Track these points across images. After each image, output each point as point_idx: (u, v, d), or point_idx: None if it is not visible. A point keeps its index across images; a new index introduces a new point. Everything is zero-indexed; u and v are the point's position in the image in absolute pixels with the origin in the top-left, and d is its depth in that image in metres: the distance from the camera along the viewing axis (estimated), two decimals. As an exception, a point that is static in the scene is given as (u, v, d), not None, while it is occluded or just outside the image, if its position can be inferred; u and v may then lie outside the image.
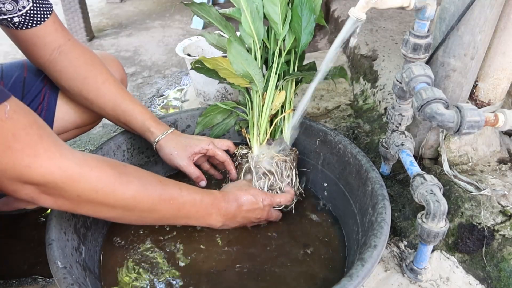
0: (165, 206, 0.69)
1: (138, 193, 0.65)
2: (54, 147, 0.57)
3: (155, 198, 0.67)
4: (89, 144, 1.31)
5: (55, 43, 0.81)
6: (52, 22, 0.79)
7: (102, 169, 0.62)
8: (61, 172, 0.57)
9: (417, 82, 0.76)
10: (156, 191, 0.67)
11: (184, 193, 0.72)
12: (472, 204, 0.88)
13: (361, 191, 0.85)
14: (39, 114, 0.87)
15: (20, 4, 0.72)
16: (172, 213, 0.72)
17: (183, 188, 0.73)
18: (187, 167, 0.88)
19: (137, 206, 0.66)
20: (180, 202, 0.71)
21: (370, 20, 1.71)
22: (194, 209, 0.74)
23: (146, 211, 0.68)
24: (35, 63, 0.84)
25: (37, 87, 0.88)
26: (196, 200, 0.73)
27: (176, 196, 0.71)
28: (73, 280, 0.62)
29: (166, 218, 0.73)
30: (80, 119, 0.93)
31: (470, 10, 0.78)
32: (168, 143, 0.88)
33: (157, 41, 2.08)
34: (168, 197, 0.69)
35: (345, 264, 0.84)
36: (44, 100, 0.88)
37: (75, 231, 0.76)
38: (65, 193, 0.59)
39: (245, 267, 0.82)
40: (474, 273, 0.85)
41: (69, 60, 0.82)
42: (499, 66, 0.88)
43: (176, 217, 0.73)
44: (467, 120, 0.67)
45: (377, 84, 1.34)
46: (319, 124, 0.97)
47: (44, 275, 0.90)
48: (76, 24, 1.97)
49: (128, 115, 0.86)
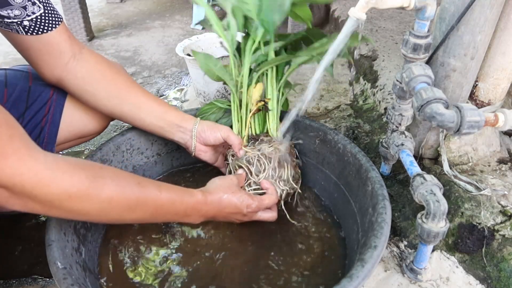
0: (143, 208, 0.68)
1: (113, 196, 0.64)
2: (24, 148, 0.56)
3: (132, 200, 0.66)
4: (89, 144, 1.31)
5: (70, 52, 0.80)
6: (65, 30, 0.79)
7: (75, 172, 0.60)
8: (30, 175, 0.55)
9: (417, 82, 0.76)
10: (133, 193, 0.66)
11: (163, 195, 0.70)
12: (472, 204, 0.88)
13: (361, 191, 0.85)
14: (43, 126, 0.87)
15: (29, 10, 0.72)
16: (150, 214, 0.70)
17: (162, 189, 0.71)
18: (231, 131, 0.90)
19: (113, 209, 0.65)
20: (158, 204, 0.70)
21: (370, 20, 1.71)
22: (173, 210, 0.73)
23: (123, 213, 0.66)
24: (49, 75, 0.82)
25: (42, 98, 0.87)
26: (175, 202, 0.72)
27: (154, 198, 0.69)
28: (73, 280, 0.62)
29: (144, 218, 0.72)
30: (86, 129, 0.93)
31: (470, 10, 0.78)
32: (204, 122, 0.91)
33: (157, 41, 2.08)
34: (146, 199, 0.68)
35: (345, 264, 0.83)
36: (49, 113, 0.87)
37: (75, 232, 0.76)
38: (35, 197, 0.57)
39: (244, 267, 0.82)
40: (474, 273, 0.85)
41: (92, 64, 0.83)
42: (499, 66, 0.88)
43: (154, 218, 0.73)
44: (467, 120, 0.67)
45: (377, 84, 1.34)
46: (318, 124, 0.97)
47: (44, 275, 0.90)
48: (76, 24, 1.97)
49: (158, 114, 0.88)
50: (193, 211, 0.75)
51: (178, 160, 1.05)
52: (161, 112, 0.88)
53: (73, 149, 1.29)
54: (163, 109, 0.88)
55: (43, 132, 0.87)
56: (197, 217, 0.77)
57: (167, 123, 0.88)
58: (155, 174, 1.03)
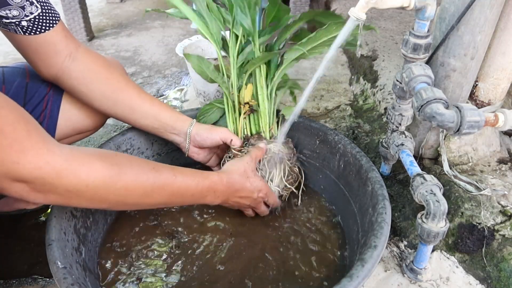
0: (159, 192, 0.69)
1: (130, 183, 0.65)
2: (41, 142, 0.57)
3: (147, 186, 0.67)
4: (89, 144, 1.31)
5: (66, 50, 0.80)
6: (61, 29, 0.79)
7: (91, 162, 0.61)
8: (49, 168, 0.56)
9: (417, 82, 0.76)
10: (149, 179, 0.67)
11: (178, 179, 0.71)
12: (472, 204, 0.88)
13: (361, 191, 0.85)
14: (42, 121, 0.87)
15: (27, 10, 0.72)
16: (166, 199, 0.71)
17: (177, 173, 0.72)
18: (230, 133, 0.90)
19: (129, 195, 0.66)
20: (175, 187, 0.71)
21: (370, 20, 1.71)
22: (189, 193, 0.74)
23: (140, 199, 0.68)
24: (46, 74, 0.82)
25: (40, 94, 0.87)
26: (190, 185, 0.73)
27: (170, 182, 0.70)
28: (73, 280, 0.62)
29: (161, 203, 0.73)
30: (82, 125, 0.92)
31: (470, 10, 0.78)
32: (199, 125, 0.92)
33: (157, 41, 2.08)
34: (161, 183, 0.69)
35: (345, 264, 0.84)
36: (47, 108, 0.88)
37: (75, 232, 0.76)
38: (55, 189, 0.58)
39: (244, 267, 0.82)
40: (474, 273, 0.85)
41: (86, 64, 0.83)
42: (499, 66, 0.88)
43: (171, 201, 0.74)
44: (467, 120, 0.67)
45: (377, 84, 1.34)
46: (318, 124, 0.97)
47: (44, 275, 0.90)
48: (76, 24, 1.97)
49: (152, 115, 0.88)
50: (209, 191, 0.76)
51: (178, 160, 1.05)
52: (155, 113, 0.88)
53: (73, 149, 1.29)
54: (157, 111, 0.88)
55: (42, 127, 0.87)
56: (213, 197, 0.78)
57: (161, 124, 0.89)
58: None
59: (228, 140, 0.90)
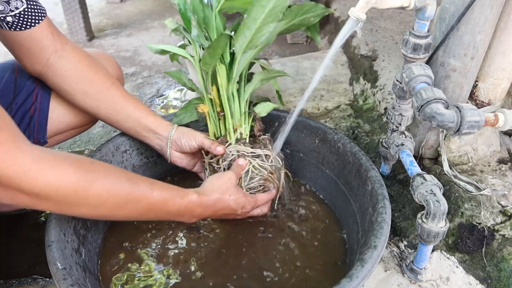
0: (133, 205, 0.67)
1: (103, 192, 0.63)
2: (12, 140, 0.56)
3: (121, 197, 0.65)
4: (89, 144, 1.31)
5: (52, 47, 0.79)
6: (47, 26, 0.78)
7: (62, 167, 0.59)
8: (16, 167, 0.55)
9: (417, 82, 0.76)
10: (123, 190, 0.65)
11: (155, 193, 0.69)
12: (472, 204, 0.88)
13: (361, 191, 0.85)
14: (32, 114, 0.86)
15: (12, 5, 0.71)
16: (141, 212, 0.69)
17: (155, 187, 0.70)
18: (206, 138, 0.88)
19: (102, 205, 0.64)
20: (150, 202, 0.69)
21: (370, 20, 1.71)
22: (165, 209, 0.71)
23: (113, 210, 0.66)
24: (31, 70, 0.82)
25: (28, 88, 0.86)
26: (168, 201, 0.71)
27: (146, 196, 0.68)
28: (73, 281, 0.62)
29: (135, 216, 0.71)
30: (75, 120, 0.92)
31: (470, 10, 0.78)
32: (181, 129, 0.90)
33: (157, 41, 2.08)
34: (137, 196, 0.67)
35: (345, 264, 0.83)
36: (36, 101, 0.87)
37: (74, 233, 0.76)
38: (22, 189, 0.57)
39: (244, 268, 0.82)
40: (474, 273, 0.85)
41: (72, 63, 0.82)
42: (499, 66, 0.88)
43: (146, 216, 0.71)
44: (467, 120, 0.67)
45: (377, 84, 1.34)
46: (318, 123, 0.97)
47: (44, 275, 0.90)
48: (76, 24, 1.97)
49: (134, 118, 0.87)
50: (186, 211, 0.74)
51: (178, 160, 1.05)
52: (138, 117, 0.86)
53: (74, 149, 1.29)
54: (140, 114, 0.87)
55: (33, 121, 0.87)
56: (190, 217, 0.76)
57: (143, 128, 0.87)
58: (155, 175, 1.03)
59: (205, 146, 0.87)
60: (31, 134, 0.86)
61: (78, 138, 1.33)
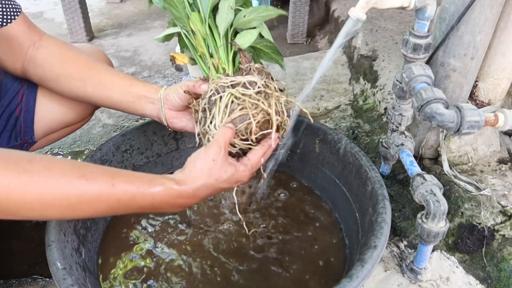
0: (91, 205, 0.59)
1: (44, 195, 0.56)
2: None
3: (72, 198, 0.57)
4: (89, 144, 1.31)
5: (29, 41, 0.78)
6: (23, 21, 0.77)
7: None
8: None
9: (417, 82, 0.76)
10: (73, 189, 0.57)
11: (118, 188, 0.60)
12: (472, 204, 0.88)
13: (361, 191, 0.85)
14: (18, 115, 0.85)
15: None
16: (105, 210, 0.61)
17: (117, 181, 0.60)
18: (190, 81, 0.77)
19: (48, 208, 0.57)
20: (113, 199, 0.60)
21: (370, 20, 1.71)
22: (135, 204, 0.62)
23: (65, 211, 0.59)
24: (13, 69, 0.81)
25: (14, 89, 0.85)
26: (136, 195, 0.61)
27: (106, 193, 0.59)
28: (73, 281, 0.62)
29: (99, 215, 0.63)
30: (67, 117, 0.89)
31: (470, 10, 0.78)
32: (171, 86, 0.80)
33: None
34: (93, 195, 0.59)
35: (345, 264, 0.83)
36: (22, 101, 0.85)
37: (74, 232, 0.76)
38: None
39: (244, 268, 0.82)
40: (474, 273, 0.85)
41: (50, 50, 0.80)
42: (499, 66, 0.88)
43: (114, 212, 0.63)
44: (467, 120, 0.67)
45: (377, 84, 1.34)
46: (318, 123, 0.97)
47: (44, 275, 0.90)
48: (76, 24, 1.97)
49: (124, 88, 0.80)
50: (162, 204, 0.63)
51: (178, 160, 1.05)
52: (127, 85, 0.80)
53: (73, 149, 1.29)
54: (128, 82, 0.81)
55: (19, 121, 0.85)
56: (170, 209, 0.65)
57: (135, 96, 0.80)
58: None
59: (189, 88, 0.76)
60: (18, 135, 0.85)
61: (78, 138, 1.33)
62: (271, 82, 0.71)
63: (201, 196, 0.65)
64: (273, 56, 0.83)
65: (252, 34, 0.81)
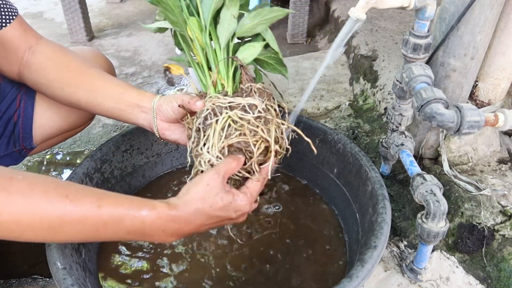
0: (74, 227, 0.55)
1: (22, 215, 0.52)
2: None
3: (53, 219, 0.54)
4: (89, 144, 1.31)
5: (26, 45, 0.77)
6: (19, 24, 0.76)
7: None
8: None
9: (417, 82, 0.76)
10: (55, 211, 0.54)
11: (104, 211, 0.56)
12: (472, 204, 0.88)
13: (361, 191, 0.85)
14: (16, 121, 0.84)
15: None
16: (90, 233, 0.57)
17: (104, 203, 0.56)
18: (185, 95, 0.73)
19: (27, 230, 0.53)
20: (99, 222, 0.56)
21: (370, 20, 1.71)
22: (123, 229, 0.57)
23: (45, 234, 0.55)
24: (10, 73, 0.80)
25: (12, 94, 0.84)
26: (124, 219, 0.57)
27: (91, 215, 0.56)
28: (73, 281, 0.62)
29: (81, 239, 0.59)
30: (66, 123, 0.88)
31: (470, 10, 0.78)
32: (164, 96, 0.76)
33: (157, 41, 2.08)
34: (77, 216, 0.55)
35: (345, 264, 0.84)
36: (20, 107, 0.84)
37: (75, 232, 0.76)
38: None
39: (246, 273, 0.82)
40: (474, 273, 0.85)
41: (45, 55, 0.78)
42: (499, 66, 0.88)
43: (99, 237, 0.58)
44: (467, 120, 0.67)
45: (377, 84, 1.34)
46: (318, 124, 0.97)
47: (44, 275, 0.90)
48: (76, 24, 1.97)
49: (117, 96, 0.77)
50: (153, 230, 0.59)
51: (178, 160, 1.05)
52: (119, 93, 0.77)
53: (73, 149, 1.29)
54: (121, 90, 0.77)
55: (17, 127, 0.85)
56: (163, 236, 0.60)
57: (127, 104, 0.76)
58: (155, 174, 1.03)
59: (184, 102, 0.72)
60: (16, 141, 0.84)
61: (78, 138, 1.33)
62: (272, 104, 0.69)
63: (195, 223, 0.61)
64: (277, 67, 0.80)
65: (255, 48, 0.77)
